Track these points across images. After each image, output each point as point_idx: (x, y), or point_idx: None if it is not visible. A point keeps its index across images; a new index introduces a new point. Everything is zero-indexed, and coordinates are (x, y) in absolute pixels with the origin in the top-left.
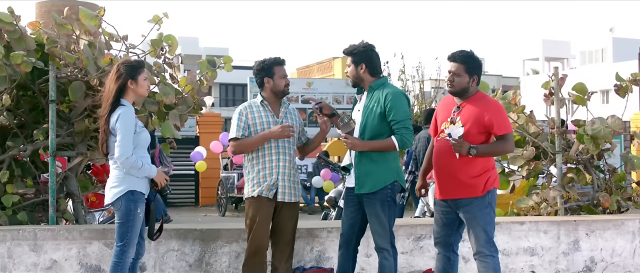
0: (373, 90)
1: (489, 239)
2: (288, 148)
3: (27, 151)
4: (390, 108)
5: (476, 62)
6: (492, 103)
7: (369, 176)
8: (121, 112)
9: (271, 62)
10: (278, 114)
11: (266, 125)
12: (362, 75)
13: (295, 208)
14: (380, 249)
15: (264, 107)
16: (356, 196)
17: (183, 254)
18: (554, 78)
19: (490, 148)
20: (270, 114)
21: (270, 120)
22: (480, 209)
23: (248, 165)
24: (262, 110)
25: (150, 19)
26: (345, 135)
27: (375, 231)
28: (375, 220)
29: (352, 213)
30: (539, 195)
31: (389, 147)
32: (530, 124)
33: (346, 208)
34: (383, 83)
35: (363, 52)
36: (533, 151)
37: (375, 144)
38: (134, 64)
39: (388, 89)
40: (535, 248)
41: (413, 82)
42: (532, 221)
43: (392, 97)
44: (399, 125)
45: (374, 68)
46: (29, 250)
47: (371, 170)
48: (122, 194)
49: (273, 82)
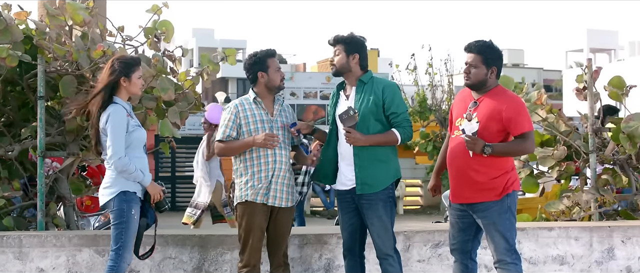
0: (363, 84)
1: (509, 246)
2: (283, 149)
3: (14, 151)
4: (391, 100)
5: (495, 53)
6: (512, 98)
7: (372, 175)
8: (111, 111)
9: (264, 54)
10: (272, 112)
11: (260, 124)
12: (352, 65)
13: (290, 214)
14: (385, 256)
15: (257, 104)
16: (352, 199)
17: (181, 262)
18: (587, 71)
19: (507, 148)
20: (263, 112)
21: (264, 118)
22: (499, 214)
23: (240, 167)
24: (255, 107)
25: (149, 9)
26: (347, 129)
27: (377, 236)
28: (378, 223)
29: (351, 220)
30: (571, 199)
31: (392, 141)
32: (560, 122)
33: (343, 214)
34: (371, 76)
35: (358, 42)
36: (564, 151)
37: (379, 138)
38: (130, 60)
39: (383, 82)
40: (565, 256)
41: (441, 76)
42: (562, 227)
43: (390, 89)
44: (399, 118)
45: (365, 61)
46: (14, 258)
47: (374, 168)
48: (114, 195)
49: (268, 76)
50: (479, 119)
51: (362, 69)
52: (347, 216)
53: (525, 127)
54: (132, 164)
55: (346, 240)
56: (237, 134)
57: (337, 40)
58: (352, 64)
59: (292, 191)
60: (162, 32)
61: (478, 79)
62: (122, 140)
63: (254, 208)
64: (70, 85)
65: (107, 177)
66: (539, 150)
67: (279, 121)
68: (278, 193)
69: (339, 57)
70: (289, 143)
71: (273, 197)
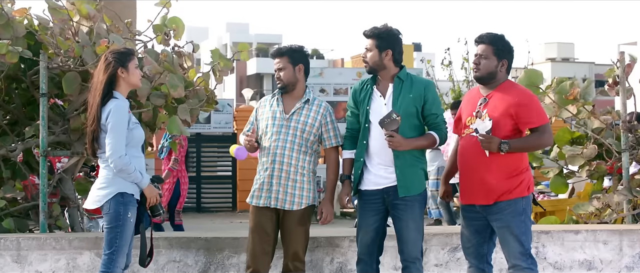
0: (401, 82)
1: (524, 251)
2: (289, 149)
3: (17, 150)
4: (432, 101)
5: (506, 45)
6: (522, 92)
7: (412, 177)
8: (113, 106)
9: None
10: (289, 109)
11: (270, 121)
12: (385, 62)
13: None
14: (413, 260)
15: (277, 100)
16: (382, 200)
17: (185, 266)
18: (619, 64)
19: (524, 143)
20: (278, 109)
21: (277, 115)
22: (513, 217)
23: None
24: (274, 103)
25: (158, 2)
26: (390, 133)
27: (409, 239)
28: (413, 225)
29: (376, 222)
30: (601, 200)
31: (432, 144)
32: (593, 119)
33: (369, 215)
34: (407, 73)
35: (392, 36)
36: (594, 149)
37: (421, 142)
38: (124, 50)
39: (423, 81)
40: (593, 261)
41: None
42: (589, 230)
43: (431, 89)
44: (438, 119)
45: (400, 56)
46: (12, 262)
47: (414, 170)
48: (111, 197)
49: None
50: (490, 116)
51: (396, 65)
52: (372, 218)
53: (537, 121)
54: (132, 164)
55: (366, 242)
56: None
57: (369, 34)
58: (385, 61)
59: (299, 194)
60: (173, 29)
61: (488, 71)
62: (123, 137)
63: (256, 210)
64: (73, 81)
65: (103, 177)
66: (568, 148)
67: (294, 120)
68: (279, 195)
69: (372, 53)
70: (304, 145)
71: (274, 199)
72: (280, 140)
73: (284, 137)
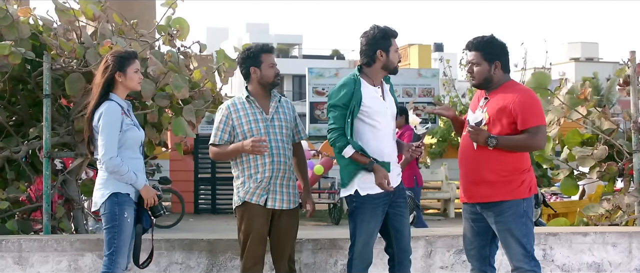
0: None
1: (527, 253)
2: (281, 148)
3: (21, 151)
4: None
5: (494, 47)
6: (521, 91)
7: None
8: (104, 108)
9: (259, 49)
10: (267, 110)
11: (255, 124)
12: (493, 74)
13: (293, 217)
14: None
15: (251, 103)
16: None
17: (188, 268)
18: (630, 64)
19: (513, 141)
20: (257, 111)
21: (259, 117)
22: (514, 218)
23: (237, 169)
24: (248, 107)
25: (164, 2)
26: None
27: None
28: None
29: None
30: (611, 202)
31: None
32: (603, 120)
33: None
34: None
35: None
36: (605, 150)
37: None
38: (124, 54)
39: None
40: (602, 263)
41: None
42: (598, 232)
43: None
44: None
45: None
46: (13, 263)
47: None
48: (106, 197)
49: (260, 72)
50: (489, 114)
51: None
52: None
53: (532, 121)
54: (125, 165)
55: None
56: (231, 136)
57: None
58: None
59: (293, 192)
60: (176, 29)
61: (482, 76)
62: (115, 139)
63: (252, 210)
64: (77, 83)
65: (99, 178)
66: (578, 150)
67: (276, 119)
68: (277, 195)
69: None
70: (289, 142)
71: (272, 199)
72: (271, 141)
73: (274, 137)
